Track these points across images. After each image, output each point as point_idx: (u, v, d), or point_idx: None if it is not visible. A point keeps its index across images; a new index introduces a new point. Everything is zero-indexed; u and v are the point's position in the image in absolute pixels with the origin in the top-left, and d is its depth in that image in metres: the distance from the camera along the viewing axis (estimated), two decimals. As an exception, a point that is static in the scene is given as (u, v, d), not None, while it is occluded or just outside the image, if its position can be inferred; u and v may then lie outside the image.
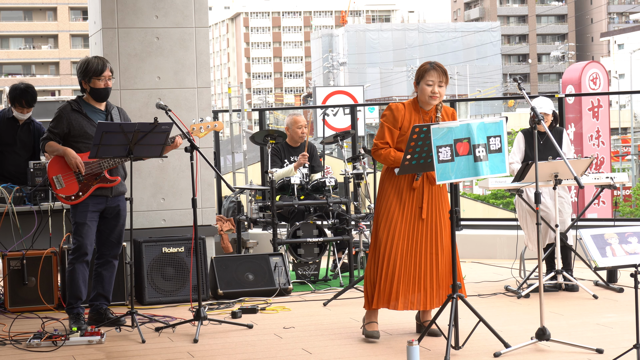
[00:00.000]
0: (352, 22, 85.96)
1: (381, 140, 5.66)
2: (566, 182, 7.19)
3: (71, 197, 6.21)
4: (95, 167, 6.22)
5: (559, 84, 64.69)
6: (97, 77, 6.28)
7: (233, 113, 11.60)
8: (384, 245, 5.61)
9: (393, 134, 5.63)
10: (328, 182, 8.12)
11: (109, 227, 6.40)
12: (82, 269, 6.25)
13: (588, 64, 19.31)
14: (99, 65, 6.28)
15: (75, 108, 6.30)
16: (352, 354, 5.41)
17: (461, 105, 43.60)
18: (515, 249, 8.30)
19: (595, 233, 4.91)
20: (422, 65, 5.72)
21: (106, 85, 6.31)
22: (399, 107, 5.66)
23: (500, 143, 5.24)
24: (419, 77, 5.65)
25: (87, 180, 6.22)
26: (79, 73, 6.35)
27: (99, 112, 6.35)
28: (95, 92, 6.32)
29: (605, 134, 17.82)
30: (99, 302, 6.39)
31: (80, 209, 6.25)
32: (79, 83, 6.39)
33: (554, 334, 5.37)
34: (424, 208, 5.61)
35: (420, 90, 5.64)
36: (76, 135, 6.25)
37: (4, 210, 7.13)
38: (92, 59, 6.37)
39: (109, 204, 6.33)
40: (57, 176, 6.22)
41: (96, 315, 6.37)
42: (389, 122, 5.64)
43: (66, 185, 6.22)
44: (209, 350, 5.60)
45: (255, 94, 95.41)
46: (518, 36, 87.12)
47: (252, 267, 7.49)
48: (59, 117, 6.28)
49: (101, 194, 6.27)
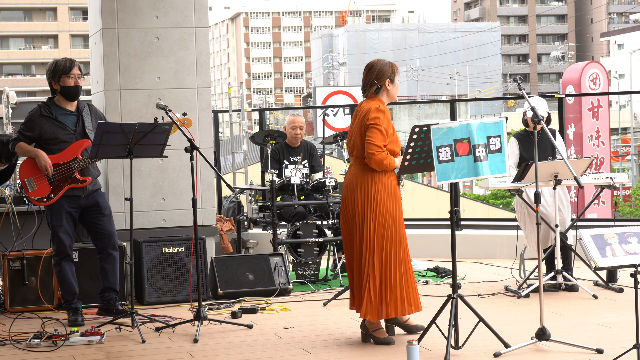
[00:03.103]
0: (352, 22, 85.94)
1: (383, 142, 5.50)
2: (566, 182, 7.19)
3: (43, 199, 6.32)
4: (65, 169, 6.28)
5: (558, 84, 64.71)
6: (66, 75, 6.35)
7: (233, 113, 11.60)
8: (395, 253, 5.54)
9: (387, 136, 5.54)
10: (328, 182, 8.13)
11: (93, 221, 6.49)
12: (68, 266, 6.45)
13: (588, 64, 19.32)
14: (67, 64, 6.39)
15: (45, 113, 6.36)
16: (352, 354, 5.41)
17: (461, 105, 43.53)
18: (515, 249, 8.30)
19: (595, 233, 4.91)
20: (382, 63, 5.67)
21: (76, 82, 6.38)
22: (387, 109, 5.63)
23: (500, 143, 5.24)
24: (393, 76, 5.65)
25: (58, 182, 6.31)
26: (49, 74, 6.44)
27: (69, 114, 6.41)
28: (65, 90, 6.37)
29: (605, 134, 17.83)
30: (107, 294, 6.53)
31: (55, 210, 6.37)
32: (49, 85, 6.44)
33: (554, 334, 5.37)
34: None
35: (396, 87, 5.69)
36: (47, 139, 6.34)
37: (4, 210, 7.13)
38: (60, 59, 6.49)
39: (84, 203, 6.43)
40: (29, 179, 6.30)
41: (106, 305, 6.52)
42: (384, 124, 5.52)
43: (38, 187, 6.30)
44: (209, 350, 5.60)
45: (255, 94, 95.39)
46: (518, 36, 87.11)
47: (252, 267, 7.49)
48: (30, 121, 6.35)
49: (74, 194, 6.38)
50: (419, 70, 64.17)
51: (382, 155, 5.48)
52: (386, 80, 5.64)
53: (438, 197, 19.46)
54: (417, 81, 61.81)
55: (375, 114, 5.53)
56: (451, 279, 5.89)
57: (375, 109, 5.55)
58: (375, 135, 5.49)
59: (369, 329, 5.66)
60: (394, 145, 5.58)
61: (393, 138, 5.58)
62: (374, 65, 5.68)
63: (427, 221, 9.95)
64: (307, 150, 8.83)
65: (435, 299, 6.93)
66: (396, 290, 5.55)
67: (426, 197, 19.88)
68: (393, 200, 5.58)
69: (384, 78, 5.64)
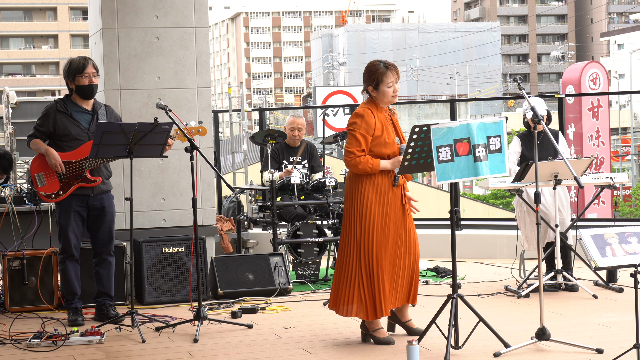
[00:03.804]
0: (352, 22, 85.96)
1: (358, 148, 5.51)
2: (566, 182, 7.19)
3: (52, 195, 6.33)
4: (76, 167, 6.28)
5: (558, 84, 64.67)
6: (80, 75, 6.36)
7: (233, 113, 11.60)
8: (375, 251, 5.53)
9: (367, 140, 5.53)
10: (328, 182, 8.13)
11: (96, 225, 6.49)
12: (72, 267, 6.45)
13: (588, 64, 19.32)
14: (81, 63, 6.39)
15: (61, 108, 6.37)
16: (352, 354, 5.41)
17: (461, 105, 43.54)
18: (515, 249, 8.30)
19: (595, 233, 4.91)
20: (373, 66, 5.62)
21: (90, 81, 6.38)
22: (368, 113, 5.57)
23: (500, 143, 5.24)
24: (377, 82, 5.57)
25: (68, 180, 6.31)
26: (64, 73, 6.48)
27: (85, 112, 6.42)
28: (80, 89, 6.38)
29: (605, 134, 17.83)
30: (101, 299, 6.54)
31: (63, 208, 6.38)
32: (65, 84, 6.46)
33: (554, 334, 5.37)
34: (405, 204, 5.65)
35: (382, 93, 5.58)
36: (60, 135, 6.35)
37: (4, 210, 7.14)
38: (75, 58, 6.50)
39: (92, 203, 6.43)
40: (39, 174, 6.31)
41: (99, 312, 6.55)
42: (362, 129, 5.52)
43: (47, 183, 6.31)
44: (209, 350, 5.60)
45: (255, 94, 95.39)
46: (518, 36, 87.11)
47: (252, 267, 7.49)
48: (45, 116, 6.38)
49: (82, 193, 6.39)
50: (419, 70, 64.18)
51: (356, 160, 5.50)
52: (368, 86, 5.65)
53: (438, 197, 19.45)
54: (417, 81, 61.82)
55: (353, 119, 5.60)
56: (451, 279, 5.89)
57: (354, 114, 5.62)
58: (350, 142, 5.55)
59: (369, 329, 5.66)
60: (381, 147, 5.55)
61: (379, 141, 5.55)
62: (365, 68, 5.70)
63: (427, 221, 9.94)
64: (307, 150, 8.83)
65: (435, 298, 6.93)
66: (356, 291, 5.57)
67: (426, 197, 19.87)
68: (380, 201, 5.56)
69: (366, 84, 5.66)
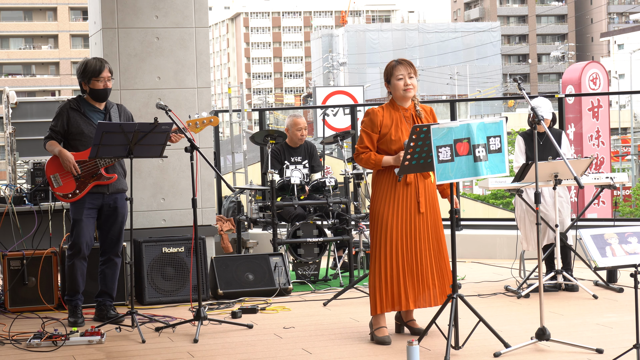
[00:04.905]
0: (352, 22, 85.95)
1: (361, 145, 5.74)
2: (566, 182, 7.19)
3: (68, 195, 6.32)
4: (92, 166, 6.29)
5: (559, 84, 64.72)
6: (95, 78, 6.33)
7: (233, 113, 11.61)
8: (382, 248, 5.61)
9: (372, 138, 5.69)
10: (328, 182, 8.13)
11: (107, 225, 6.48)
12: (80, 265, 6.43)
13: (588, 64, 19.32)
14: (97, 66, 6.34)
15: (74, 107, 6.38)
16: (352, 354, 5.41)
17: (461, 105, 43.57)
18: (515, 249, 8.30)
19: (595, 233, 4.91)
20: (388, 64, 5.80)
21: (105, 86, 6.36)
22: (376, 112, 5.72)
23: (500, 143, 5.24)
24: (388, 76, 5.75)
25: (84, 179, 6.31)
26: (78, 74, 6.42)
27: (97, 112, 6.42)
28: (94, 92, 6.37)
29: (605, 134, 17.83)
30: (102, 299, 6.54)
31: (77, 205, 6.38)
32: (79, 84, 6.44)
33: (554, 334, 5.37)
34: (422, 202, 5.64)
35: (394, 87, 5.72)
36: (73, 133, 6.34)
37: (4, 210, 7.14)
38: (91, 60, 6.41)
39: (106, 201, 6.42)
40: (55, 175, 6.31)
41: (99, 312, 6.55)
42: (367, 127, 5.71)
43: (63, 183, 6.31)
44: (209, 350, 5.60)
45: (255, 94, 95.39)
46: (518, 36, 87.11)
47: (252, 267, 7.49)
48: (59, 115, 6.38)
49: (98, 191, 6.38)
50: (419, 70, 64.17)
51: (361, 156, 5.71)
52: (385, 83, 5.83)
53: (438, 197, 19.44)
54: (417, 81, 61.82)
55: (363, 118, 5.81)
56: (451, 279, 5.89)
57: (365, 113, 5.81)
58: (359, 139, 5.79)
59: (373, 325, 5.72)
60: (388, 144, 5.67)
61: (386, 138, 5.67)
62: None
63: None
64: (307, 150, 8.84)
65: (435, 299, 6.92)
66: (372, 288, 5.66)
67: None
68: (385, 198, 5.64)
69: (385, 82, 5.84)
